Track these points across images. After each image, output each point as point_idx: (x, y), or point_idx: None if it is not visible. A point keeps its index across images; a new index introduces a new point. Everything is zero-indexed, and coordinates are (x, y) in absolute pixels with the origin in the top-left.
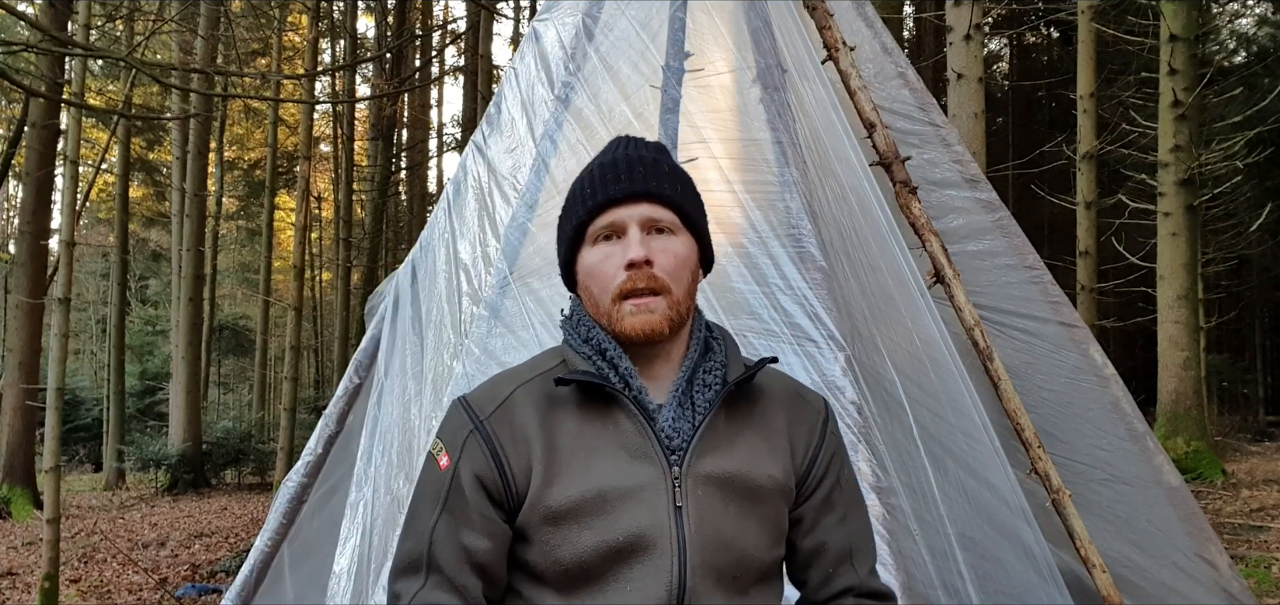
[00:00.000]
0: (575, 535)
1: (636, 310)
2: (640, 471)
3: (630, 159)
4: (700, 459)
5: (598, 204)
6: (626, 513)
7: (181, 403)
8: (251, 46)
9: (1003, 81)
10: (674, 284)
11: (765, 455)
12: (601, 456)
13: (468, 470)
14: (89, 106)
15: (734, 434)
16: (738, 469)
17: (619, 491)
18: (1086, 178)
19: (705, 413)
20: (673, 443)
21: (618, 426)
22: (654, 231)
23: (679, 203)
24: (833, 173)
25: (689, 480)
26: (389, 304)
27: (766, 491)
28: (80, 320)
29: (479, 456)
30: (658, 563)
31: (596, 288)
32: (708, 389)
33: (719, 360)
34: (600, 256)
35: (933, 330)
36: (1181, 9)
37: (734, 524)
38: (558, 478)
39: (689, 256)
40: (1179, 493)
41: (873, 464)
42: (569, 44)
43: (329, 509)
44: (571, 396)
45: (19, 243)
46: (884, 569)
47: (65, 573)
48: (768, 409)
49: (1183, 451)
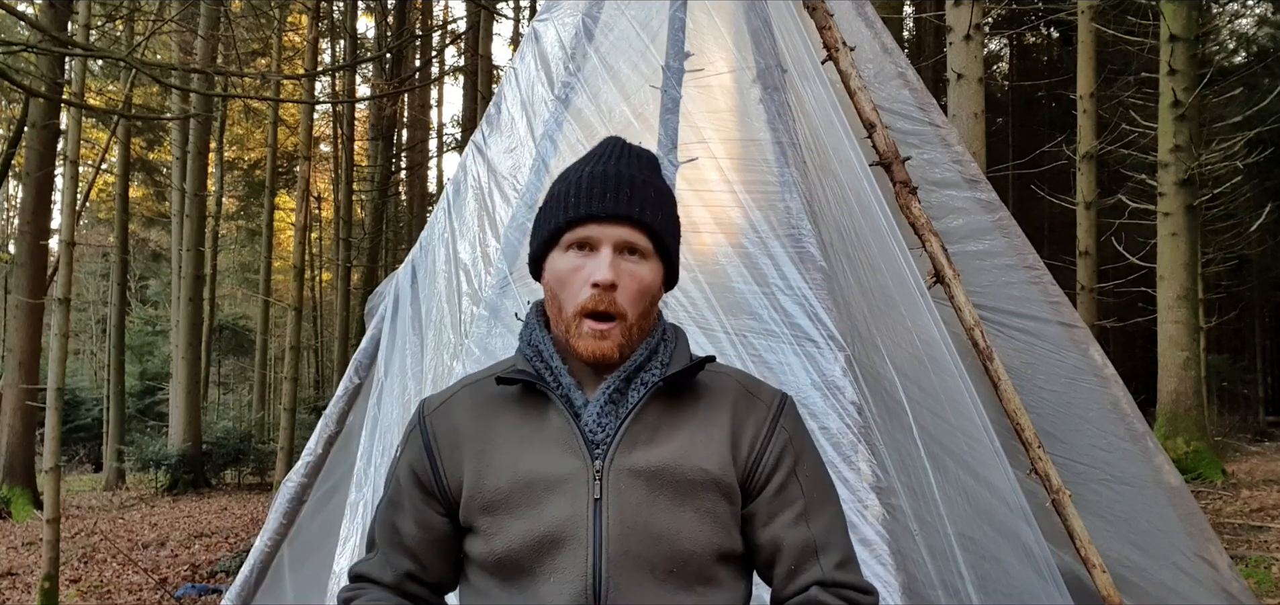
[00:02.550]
0: (507, 524)
1: (593, 335)
2: (564, 464)
3: (620, 177)
4: (625, 453)
5: (578, 216)
6: (550, 504)
7: (181, 403)
8: (251, 46)
9: (1003, 81)
10: (631, 310)
11: (701, 448)
12: (532, 447)
13: (406, 462)
14: (89, 106)
15: (672, 427)
16: (666, 462)
17: (544, 482)
18: (1086, 178)
19: (633, 406)
20: (596, 437)
21: (549, 422)
22: (626, 252)
23: (655, 229)
24: (833, 173)
25: (611, 474)
26: (389, 304)
27: (698, 484)
28: (80, 320)
29: (415, 449)
30: (575, 552)
31: (563, 294)
32: (643, 386)
33: (661, 360)
34: (570, 267)
35: (933, 330)
36: (1181, 9)
37: (665, 517)
38: (490, 469)
39: (653, 283)
40: (1179, 493)
41: (873, 464)
42: (569, 44)
43: (329, 509)
44: (512, 395)
45: (19, 243)
46: (884, 569)
47: (65, 573)
48: (711, 405)
49: (1183, 451)
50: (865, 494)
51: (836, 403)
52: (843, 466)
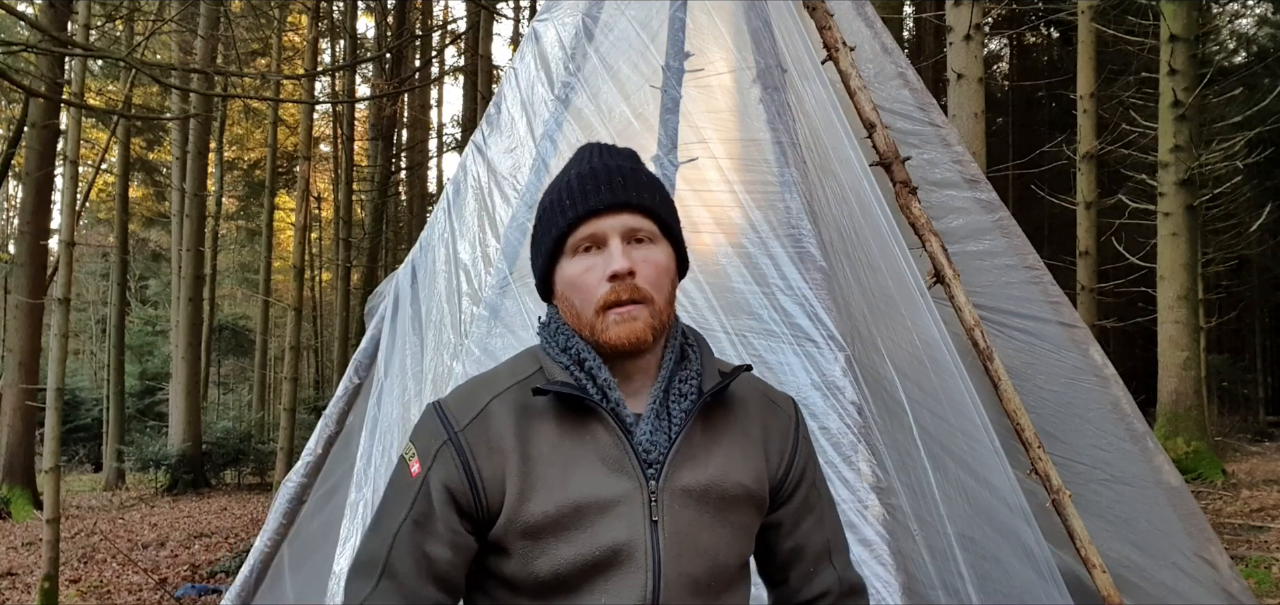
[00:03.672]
0: (553, 548)
1: (621, 320)
2: (617, 484)
3: (609, 169)
4: (676, 472)
5: (578, 215)
6: (604, 526)
7: (181, 403)
8: (251, 46)
9: (1003, 81)
10: (656, 293)
11: (739, 464)
12: (579, 468)
13: (438, 480)
14: (89, 106)
15: (711, 443)
16: (712, 479)
17: (596, 505)
18: (1086, 178)
19: (681, 425)
20: (650, 456)
21: (595, 438)
22: (634, 241)
23: (658, 212)
24: (833, 173)
25: (665, 495)
26: (389, 304)
27: (738, 500)
28: (80, 320)
29: (451, 468)
30: (633, 575)
31: (578, 300)
32: (684, 399)
33: (694, 368)
34: (582, 268)
35: (933, 330)
36: (1181, 9)
37: (709, 534)
38: (535, 491)
39: (669, 265)
40: (1179, 493)
41: (873, 464)
42: (569, 44)
43: (329, 509)
44: (549, 407)
45: (19, 243)
46: (884, 569)
47: (65, 573)
48: (742, 416)
49: (1183, 451)
50: (865, 494)
51: (836, 403)
52: (843, 466)
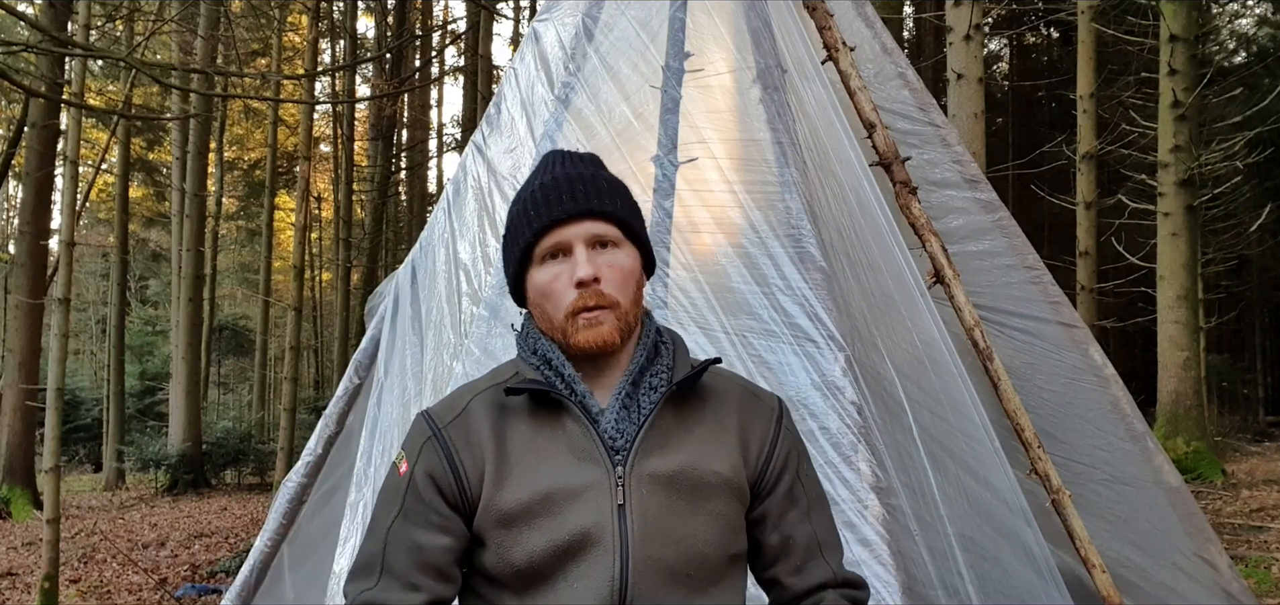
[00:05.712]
0: (526, 536)
1: (589, 324)
2: (585, 472)
3: (571, 178)
4: (644, 458)
5: (543, 225)
6: (573, 512)
7: (181, 403)
8: (251, 47)
9: (1003, 81)
10: (621, 296)
11: (714, 452)
12: (549, 459)
13: (423, 471)
14: (89, 107)
15: (684, 431)
16: (682, 466)
17: (565, 492)
18: (1086, 178)
19: (649, 413)
20: (616, 443)
21: (565, 430)
22: (598, 247)
23: (621, 217)
24: (833, 173)
25: (632, 479)
26: (389, 304)
27: (714, 488)
28: (80, 320)
29: (434, 459)
30: (601, 559)
31: (549, 306)
32: (654, 390)
33: (665, 363)
34: (550, 276)
35: (933, 330)
36: (1181, 9)
37: (682, 521)
38: (508, 481)
39: (634, 268)
40: (1179, 493)
41: (873, 464)
42: (569, 44)
43: (329, 509)
44: (523, 405)
45: (19, 243)
46: (884, 569)
47: (65, 573)
48: (719, 408)
49: (1183, 451)
50: (865, 494)
51: (836, 403)
52: (843, 466)
